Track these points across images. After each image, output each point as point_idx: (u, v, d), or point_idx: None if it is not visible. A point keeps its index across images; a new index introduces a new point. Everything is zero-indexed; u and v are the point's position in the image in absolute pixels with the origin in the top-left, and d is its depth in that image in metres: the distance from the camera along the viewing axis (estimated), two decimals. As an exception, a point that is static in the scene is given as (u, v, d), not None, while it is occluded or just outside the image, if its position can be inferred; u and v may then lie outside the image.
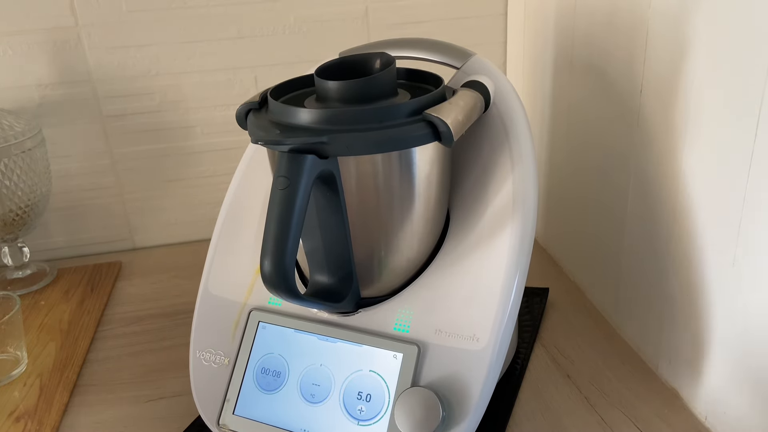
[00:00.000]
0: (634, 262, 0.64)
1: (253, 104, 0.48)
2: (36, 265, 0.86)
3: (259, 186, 0.57)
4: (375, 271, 0.51)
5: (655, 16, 0.55)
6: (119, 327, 0.74)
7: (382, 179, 0.46)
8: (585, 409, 0.57)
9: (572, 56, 0.71)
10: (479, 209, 0.51)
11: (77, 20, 0.81)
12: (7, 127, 0.75)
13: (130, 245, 0.93)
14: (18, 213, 0.77)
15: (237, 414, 0.52)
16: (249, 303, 0.54)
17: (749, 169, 0.47)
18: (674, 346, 0.58)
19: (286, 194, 0.42)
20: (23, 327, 0.68)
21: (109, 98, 0.85)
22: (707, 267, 0.53)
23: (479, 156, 0.52)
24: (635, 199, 0.62)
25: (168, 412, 0.59)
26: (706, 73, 0.50)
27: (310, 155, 0.42)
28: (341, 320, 0.52)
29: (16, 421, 0.58)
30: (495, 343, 0.47)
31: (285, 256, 0.42)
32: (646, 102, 0.58)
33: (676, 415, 0.56)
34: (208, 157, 0.91)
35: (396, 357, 0.49)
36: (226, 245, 0.57)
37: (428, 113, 0.44)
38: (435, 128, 0.44)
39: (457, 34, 0.90)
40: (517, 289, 0.48)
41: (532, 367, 0.63)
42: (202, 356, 0.54)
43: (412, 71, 0.53)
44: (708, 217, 0.52)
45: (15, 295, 0.66)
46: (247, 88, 0.88)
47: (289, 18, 0.86)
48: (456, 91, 0.49)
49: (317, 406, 0.50)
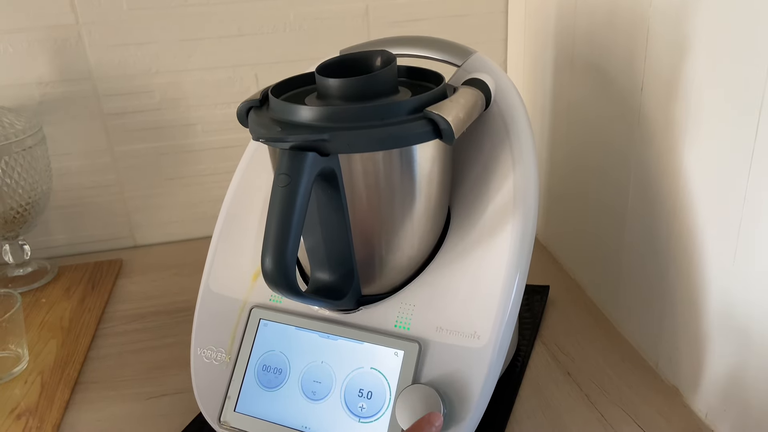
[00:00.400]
0: (634, 260, 0.64)
1: (254, 102, 0.49)
2: (37, 262, 0.86)
3: (260, 184, 0.57)
4: (376, 268, 0.51)
5: (655, 15, 0.55)
6: (120, 324, 0.74)
7: (383, 177, 0.46)
8: (585, 407, 0.57)
9: (573, 54, 0.71)
10: (480, 207, 0.51)
11: (78, 18, 0.81)
12: (8, 124, 0.75)
13: (130, 243, 0.93)
14: (19, 211, 0.77)
15: (238, 411, 0.52)
16: (250, 300, 0.54)
17: (750, 168, 0.47)
18: (674, 344, 0.58)
19: (287, 191, 0.42)
20: (24, 324, 0.68)
21: (110, 96, 0.85)
22: (707, 264, 0.53)
23: (480, 154, 0.52)
24: (636, 196, 0.62)
25: (169, 410, 0.59)
26: (707, 72, 0.50)
27: (311, 152, 0.42)
28: (342, 317, 0.52)
29: (18, 418, 0.58)
30: (496, 341, 0.47)
31: (286, 253, 0.42)
32: (647, 100, 0.58)
33: (676, 412, 0.56)
34: (208, 155, 0.91)
35: (397, 354, 0.49)
36: (227, 243, 0.57)
37: (429, 111, 0.44)
38: (436, 126, 0.44)
39: (457, 32, 0.90)
40: (518, 286, 0.48)
41: (533, 365, 0.63)
42: (203, 353, 0.54)
43: (412, 69, 0.53)
44: (708, 215, 0.52)
45: (16, 293, 0.66)
46: (248, 86, 0.88)
47: (290, 16, 0.86)
48: (457, 89, 0.49)
49: (318, 403, 0.50)
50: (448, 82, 0.51)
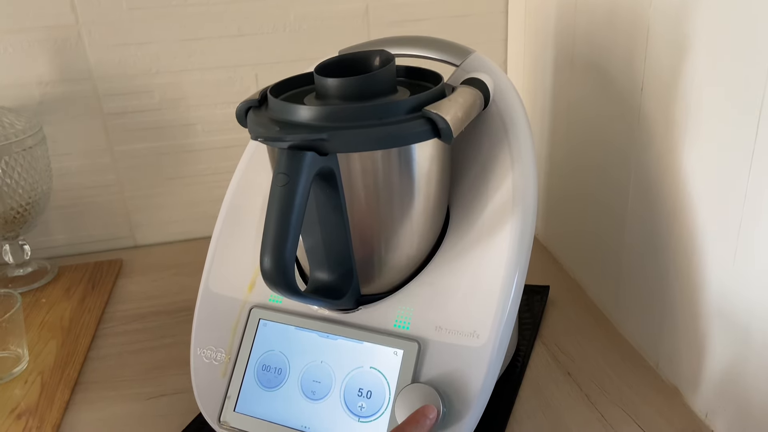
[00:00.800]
0: (634, 260, 0.64)
1: (252, 102, 0.49)
2: (37, 262, 0.86)
3: (260, 183, 0.57)
4: (375, 267, 0.51)
5: (655, 14, 0.55)
6: (120, 324, 0.74)
7: (381, 176, 0.46)
8: (585, 407, 0.57)
9: (573, 54, 0.71)
10: (479, 206, 0.51)
11: (78, 18, 0.81)
12: (8, 125, 0.75)
13: (130, 243, 0.93)
14: (19, 211, 0.77)
15: (238, 411, 0.52)
16: (249, 300, 0.54)
17: (750, 168, 0.47)
18: (675, 344, 0.58)
19: (285, 191, 0.42)
20: (24, 325, 0.68)
21: (110, 96, 0.85)
22: (707, 264, 0.53)
23: (479, 153, 0.52)
24: (636, 196, 0.62)
25: (169, 410, 0.59)
26: (707, 71, 0.50)
27: (310, 152, 0.42)
28: (341, 317, 0.52)
29: (18, 418, 0.59)
30: (495, 340, 0.47)
31: (285, 253, 0.42)
32: (647, 100, 0.58)
33: (677, 412, 0.56)
34: (208, 155, 0.91)
35: (396, 354, 0.49)
36: (227, 243, 0.57)
37: (427, 110, 0.44)
38: (434, 125, 0.44)
39: (457, 32, 0.90)
40: (517, 286, 0.48)
41: (533, 365, 0.63)
42: (203, 353, 0.54)
43: (411, 69, 0.53)
44: (708, 215, 0.52)
45: (16, 293, 0.66)
46: (248, 85, 0.88)
47: (290, 16, 0.86)
48: (455, 89, 0.49)
49: (318, 402, 0.50)
50: (446, 81, 0.51)
